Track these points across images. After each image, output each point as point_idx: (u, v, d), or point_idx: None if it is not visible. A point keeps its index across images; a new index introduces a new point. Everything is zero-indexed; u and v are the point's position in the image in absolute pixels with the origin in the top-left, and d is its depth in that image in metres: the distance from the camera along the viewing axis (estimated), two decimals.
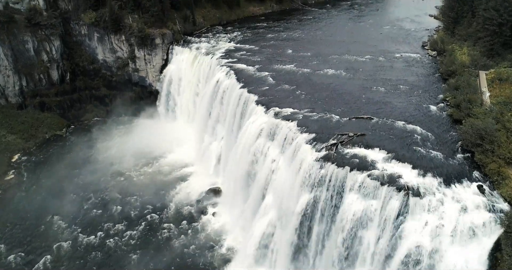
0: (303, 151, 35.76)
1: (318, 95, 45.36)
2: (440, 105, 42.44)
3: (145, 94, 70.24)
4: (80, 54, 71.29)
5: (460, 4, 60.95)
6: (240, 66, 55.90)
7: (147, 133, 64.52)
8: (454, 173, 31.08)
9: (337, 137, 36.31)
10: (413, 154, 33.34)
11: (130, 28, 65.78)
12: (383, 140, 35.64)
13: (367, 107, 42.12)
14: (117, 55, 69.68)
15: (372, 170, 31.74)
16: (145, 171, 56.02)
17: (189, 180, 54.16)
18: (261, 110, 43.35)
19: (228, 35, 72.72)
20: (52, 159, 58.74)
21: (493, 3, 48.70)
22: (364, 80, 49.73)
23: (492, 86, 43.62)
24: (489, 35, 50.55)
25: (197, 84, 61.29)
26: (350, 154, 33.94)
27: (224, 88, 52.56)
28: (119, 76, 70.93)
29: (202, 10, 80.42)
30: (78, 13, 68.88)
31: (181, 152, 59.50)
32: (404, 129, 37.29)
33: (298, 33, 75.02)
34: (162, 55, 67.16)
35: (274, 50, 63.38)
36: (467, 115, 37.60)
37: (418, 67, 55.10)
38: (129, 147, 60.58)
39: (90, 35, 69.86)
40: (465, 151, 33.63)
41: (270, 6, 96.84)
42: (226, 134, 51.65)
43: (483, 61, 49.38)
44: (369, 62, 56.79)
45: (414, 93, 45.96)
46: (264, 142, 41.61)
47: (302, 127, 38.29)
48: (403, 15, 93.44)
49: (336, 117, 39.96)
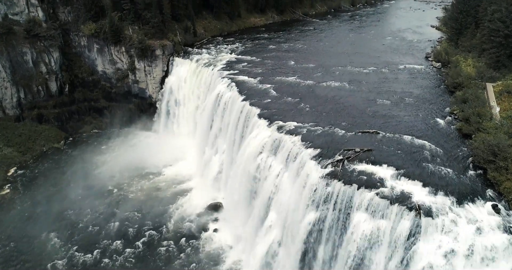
0: (308, 168, 34.43)
1: (322, 108, 44.24)
2: (448, 119, 41.28)
3: (145, 106, 69.18)
4: (80, 66, 70.48)
5: (464, 15, 60.43)
6: (242, 78, 54.94)
7: (147, 145, 63.38)
8: (467, 192, 29.73)
9: (343, 152, 35.03)
10: (423, 171, 32.03)
11: (130, 40, 65.09)
12: (391, 155, 34.36)
13: (373, 120, 40.95)
14: (117, 67, 68.85)
15: (381, 188, 30.40)
16: (144, 185, 54.55)
17: (189, 194, 52.68)
18: (263, 123, 42.15)
19: (229, 46, 72.03)
20: (48, 173, 57.30)
21: (499, 15, 47.99)
22: (368, 93, 48.70)
23: (500, 99, 42.57)
24: (495, 47, 49.77)
25: (198, 96, 60.29)
26: (357, 170, 32.63)
27: (225, 101, 51.48)
28: (119, 88, 69.98)
29: (203, 21, 79.99)
30: (78, 24, 68.23)
31: (181, 165, 58.21)
32: (412, 144, 36.05)
33: (299, 44, 74.36)
34: (162, 67, 66.31)
35: (276, 61, 62.54)
36: (477, 130, 36.51)
37: (423, 79, 54.16)
38: (128, 161, 59.19)
39: (90, 46, 69.14)
40: (477, 168, 32.35)
41: (271, 17, 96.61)
42: (228, 147, 50.36)
43: (490, 73, 48.51)
44: (372, 74, 55.87)
45: (420, 106, 44.86)
46: (267, 157, 40.31)
47: (307, 142, 37.06)
48: (405, 26, 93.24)
49: (341, 131, 38.76)
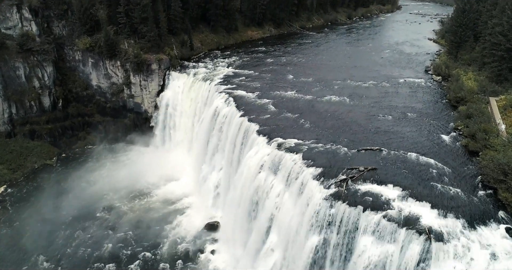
0: (310, 188, 32.90)
1: (323, 124, 42.96)
2: (453, 135, 40.14)
3: (141, 121, 67.66)
4: (74, 80, 69.09)
5: (464, 29, 59.98)
6: (240, 92, 53.72)
7: (142, 162, 61.57)
8: (478, 213, 28.30)
9: (347, 171, 33.57)
10: (431, 191, 30.61)
11: (125, 54, 63.98)
12: (396, 175, 32.96)
13: (376, 137, 39.67)
14: (112, 81, 67.58)
15: (388, 210, 28.88)
16: (138, 204, 52.64)
17: (186, 213, 50.82)
18: (263, 140, 40.72)
19: (226, 60, 71.09)
20: (39, 191, 55.20)
21: (500, 28, 47.42)
22: (370, 107, 47.58)
23: (505, 114, 41.58)
24: (496, 61, 49.12)
25: (194, 111, 58.91)
26: (362, 191, 31.14)
27: (223, 116, 50.12)
28: (114, 103, 68.56)
29: (200, 34, 79.23)
30: (73, 38, 67.17)
31: (178, 183, 56.45)
32: (417, 162, 34.71)
33: (297, 57, 73.63)
34: (158, 81, 65.09)
35: (274, 75, 61.53)
36: (484, 147, 35.35)
37: (424, 93, 53.25)
38: (122, 178, 57.33)
39: (85, 60, 67.94)
40: (487, 187, 31.02)
41: (268, 30, 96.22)
42: (226, 164, 48.81)
43: (492, 87, 47.70)
44: (373, 88, 54.92)
45: (424, 121, 43.75)
46: (266, 175, 38.74)
47: (308, 160, 35.59)
48: (402, 39, 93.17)
49: (343, 148, 37.38)
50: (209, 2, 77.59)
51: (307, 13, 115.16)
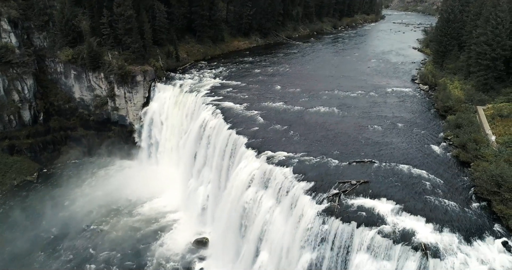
0: (302, 203, 31.87)
1: (312, 136, 42.15)
2: (443, 145, 39.80)
3: (125, 134, 65.84)
4: (55, 93, 67.07)
5: (448, 38, 60.55)
6: (227, 104, 52.70)
7: (127, 176, 59.74)
8: (474, 227, 27.66)
9: (339, 185, 32.70)
10: (425, 205, 29.91)
11: (109, 65, 62.40)
12: (389, 188, 32.22)
13: (367, 148, 39.02)
14: (95, 93, 65.80)
15: (382, 225, 28.02)
16: (123, 221, 50.61)
17: (173, 230, 49.07)
18: (252, 154, 39.61)
19: (213, 70, 70.17)
20: (19, 209, 52.69)
21: (484, 38, 47.77)
22: (359, 118, 47.10)
23: (493, 123, 41.55)
24: (482, 70, 49.38)
25: (181, 124, 57.53)
26: (355, 206, 30.26)
27: (210, 129, 48.92)
28: (97, 115, 66.66)
29: (186, 45, 78.30)
30: (54, 50, 65.35)
31: (164, 198, 54.70)
32: (410, 174, 34.10)
33: (285, 67, 73.21)
34: (143, 93, 63.61)
35: (262, 86, 60.79)
36: (475, 157, 35.01)
37: (412, 103, 53.16)
38: (106, 193, 55.41)
39: (67, 72, 66.10)
40: (481, 199, 30.49)
41: (254, 40, 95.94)
42: (214, 178, 47.45)
43: (479, 96, 47.87)
44: (361, 98, 54.60)
45: (413, 131, 43.40)
46: (256, 190, 37.59)
47: (299, 174, 34.61)
48: (388, 48, 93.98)
49: (334, 161, 36.58)
50: (194, 12, 76.93)
51: (293, 23, 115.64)
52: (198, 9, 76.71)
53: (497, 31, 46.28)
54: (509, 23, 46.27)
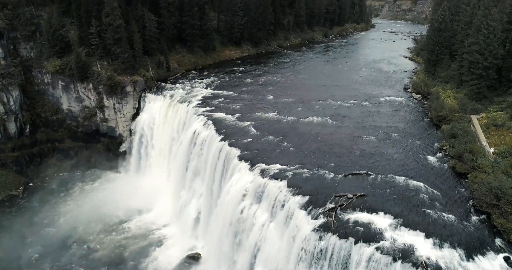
0: (297, 218, 30.86)
1: (307, 148, 41.31)
2: (439, 155, 39.28)
3: (115, 145, 64.26)
4: (43, 104, 65.39)
5: (440, 47, 60.63)
6: (219, 115, 51.73)
7: (117, 189, 58.01)
8: (474, 242, 26.93)
9: (335, 199, 31.82)
10: (424, 219, 29.14)
11: (98, 76, 61.11)
12: (386, 201, 31.42)
13: (362, 160, 38.28)
14: (84, 104, 64.31)
15: (380, 241, 27.15)
16: (112, 236, 48.87)
17: (165, 244, 47.48)
18: (245, 167, 38.58)
19: (204, 80, 69.26)
20: (3, 226, 50.67)
21: (476, 47, 47.75)
22: (353, 128, 46.46)
23: (488, 132, 41.18)
24: (475, 79, 49.29)
25: (172, 135, 56.29)
26: (352, 220, 29.36)
27: (202, 140, 47.82)
28: (86, 127, 65.07)
29: (177, 55, 77.40)
30: (41, 60, 63.87)
31: (155, 211, 53.16)
32: (406, 187, 33.38)
33: (277, 77, 72.66)
34: (133, 104, 62.34)
35: (254, 96, 60.00)
36: (472, 168, 34.47)
37: (406, 112, 52.81)
38: (94, 207, 53.62)
39: (54, 83, 64.56)
40: (480, 212, 29.86)
41: (246, 50, 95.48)
42: (206, 190, 46.21)
43: (472, 105, 47.67)
44: (355, 108, 54.10)
45: (408, 141, 42.86)
46: (250, 204, 36.49)
47: (294, 188, 33.65)
48: (379, 57, 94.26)
49: (330, 173, 35.73)
50: (185, 22, 76.20)
51: (284, 32, 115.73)
52: (189, 18, 76.05)
53: (488, 40, 46.30)
54: (500, 32, 46.34)
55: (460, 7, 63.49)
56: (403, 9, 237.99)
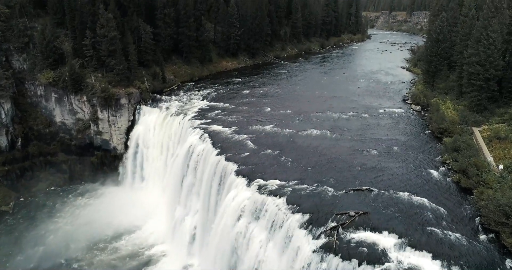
0: (297, 238, 29.41)
1: (306, 162, 40.05)
2: (442, 170, 38.12)
3: (109, 159, 62.79)
4: (35, 117, 63.94)
5: (438, 58, 60.13)
6: (216, 127, 50.52)
7: (110, 204, 56.25)
8: (484, 263, 25.57)
9: (336, 217, 30.44)
10: (430, 238, 27.77)
11: (92, 88, 59.95)
12: (390, 219, 30.07)
13: (363, 175, 37.04)
14: (78, 117, 62.97)
15: (385, 262, 25.69)
16: (105, 254, 46.94)
17: (159, 263, 45.68)
18: (242, 182, 37.21)
19: (200, 92, 68.24)
20: None
21: (476, 58, 47.11)
22: (353, 141, 45.34)
23: (491, 145, 40.19)
24: (476, 90, 48.54)
25: (167, 148, 54.97)
26: (355, 240, 27.94)
27: (198, 154, 46.47)
28: (79, 140, 63.61)
29: (173, 66, 76.56)
30: (34, 72, 62.72)
31: (149, 227, 51.46)
32: (410, 203, 32.09)
33: (274, 88, 71.79)
34: (128, 116, 61.09)
35: (251, 108, 58.92)
36: (478, 183, 33.28)
37: (406, 124, 51.85)
38: (87, 224, 51.81)
39: (47, 95, 63.28)
40: (488, 231, 28.55)
41: (243, 61, 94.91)
42: (202, 206, 44.70)
43: (474, 117, 46.83)
44: (354, 120, 53.10)
45: (410, 155, 41.72)
46: (247, 222, 35.02)
47: (293, 205, 32.25)
48: (376, 68, 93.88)
49: (330, 189, 34.41)
50: (181, 33, 75.54)
51: (281, 43, 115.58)
52: (185, 30, 75.44)
53: (489, 51, 45.67)
54: (501, 43, 45.77)
55: (457, 18, 63.20)
56: (398, 20, 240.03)
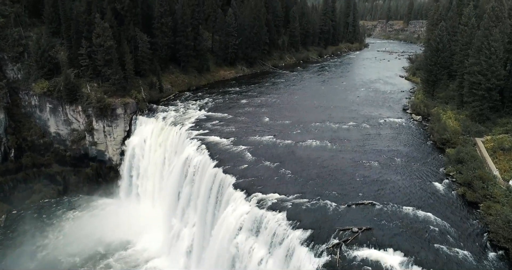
0: (298, 256, 28.17)
1: (306, 174, 38.95)
2: (446, 182, 37.10)
3: (104, 170, 61.49)
4: (29, 127, 62.72)
5: (439, 67, 59.56)
6: (213, 138, 49.45)
7: (105, 217, 54.94)
8: None
9: (339, 233, 29.25)
10: (437, 256, 26.59)
11: (88, 98, 58.95)
12: (395, 235, 28.90)
13: (365, 188, 35.95)
14: (72, 127, 61.81)
15: None
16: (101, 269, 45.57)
17: None
18: (240, 196, 36.01)
19: (198, 101, 67.30)
20: None
21: (478, 68, 46.43)
22: (353, 153, 44.32)
23: (495, 157, 39.27)
24: (477, 100, 47.78)
25: (164, 160, 53.79)
26: (358, 258, 26.74)
27: (195, 166, 45.33)
28: (74, 151, 62.35)
29: (170, 75, 75.73)
30: (29, 82, 61.69)
31: (146, 241, 49.94)
32: (415, 218, 30.96)
33: (272, 97, 70.97)
34: (124, 126, 60.00)
35: (250, 118, 57.95)
36: (484, 197, 32.26)
37: (407, 135, 50.94)
38: (82, 237, 50.41)
39: (42, 106, 62.16)
40: (497, 248, 27.43)
41: (241, 70, 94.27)
42: (199, 220, 43.39)
43: (476, 127, 46.02)
44: (354, 130, 52.17)
45: (412, 166, 40.73)
46: (246, 238, 33.75)
47: (294, 221, 31.09)
48: (375, 77, 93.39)
49: (331, 203, 33.27)
50: (179, 42, 74.90)
51: (279, 52, 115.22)
52: (183, 39, 74.82)
53: (490, 61, 45.03)
54: (502, 52, 45.18)
55: (457, 27, 62.89)
56: (395, 29, 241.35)
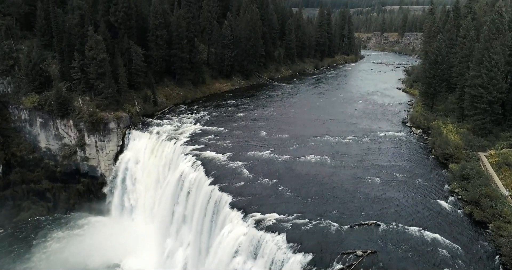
0: None
1: (305, 192, 37.35)
2: (451, 200, 35.66)
3: (96, 186, 59.42)
4: (18, 142, 60.78)
5: (438, 80, 58.77)
6: (209, 154, 47.82)
7: (96, 235, 52.66)
8: None
9: (342, 258, 27.54)
10: None
11: (79, 112, 57.29)
12: (402, 259, 27.25)
13: (368, 207, 34.39)
14: (64, 142, 59.95)
15: None
16: None
17: None
18: (237, 216, 34.26)
19: (193, 115, 65.80)
20: None
21: (479, 81, 45.58)
22: (354, 168, 42.85)
23: (501, 172, 38.01)
24: (479, 113, 46.84)
25: (157, 176, 51.97)
26: None
27: (190, 183, 43.56)
28: (65, 166, 60.33)
29: (165, 88, 74.36)
30: (19, 96, 60.07)
31: (138, 261, 47.70)
32: (422, 240, 29.37)
33: (269, 111, 69.67)
34: (117, 141, 58.24)
35: (246, 132, 56.47)
36: (493, 216, 30.79)
37: (408, 149, 49.66)
38: (71, 256, 48.27)
39: (32, 120, 60.39)
40: None
41: (237, 82, 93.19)
42: (194, 240, 41.44)
43: (479, 141, 44.93)
44: (353, 144, 50.81)
45: (415, 183, 39.28)
46: (244, 261, 31.92)
47: (294, 243, 29.37)
48: (372, 89, 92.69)
49: (333, 224, 31.62)
50: (174, 55, 73.78)
51: (275, 64, 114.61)
52: (178, 51, 73.72)
53: (492, 73, 44.21)
54: (504, 65, 44.39)
55: (455, 39, 62.43)
56: (390, 41, 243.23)
